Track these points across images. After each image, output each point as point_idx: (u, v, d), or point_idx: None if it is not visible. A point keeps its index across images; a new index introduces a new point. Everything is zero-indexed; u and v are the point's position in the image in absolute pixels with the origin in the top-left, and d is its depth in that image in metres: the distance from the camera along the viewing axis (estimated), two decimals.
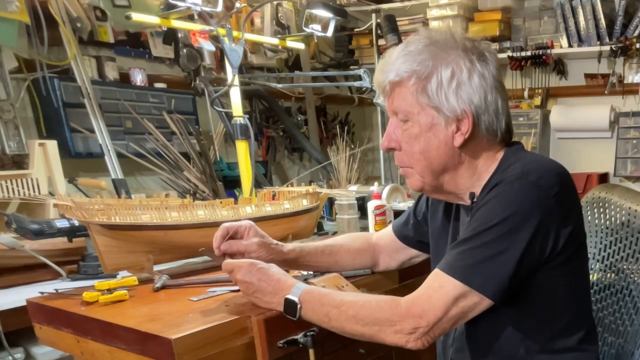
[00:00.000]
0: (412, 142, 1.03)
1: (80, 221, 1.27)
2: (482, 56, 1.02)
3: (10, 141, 2.00)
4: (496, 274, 0.96)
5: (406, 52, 1.01)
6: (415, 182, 1.08)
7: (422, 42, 1.01)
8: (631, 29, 3.04)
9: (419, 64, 0.99)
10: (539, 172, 0.97)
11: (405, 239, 1.32)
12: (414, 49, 1.00)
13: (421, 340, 0.97)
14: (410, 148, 1.03)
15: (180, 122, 2.19)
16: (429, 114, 1.00)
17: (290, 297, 1.03)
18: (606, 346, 1.34)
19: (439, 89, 0.99)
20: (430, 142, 1.02)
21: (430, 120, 1.00)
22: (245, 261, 1.09)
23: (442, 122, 1.00)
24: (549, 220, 0.96)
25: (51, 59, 2.19)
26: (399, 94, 1.02)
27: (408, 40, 1.03)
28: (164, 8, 1.88)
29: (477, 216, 0.99)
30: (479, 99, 1.00)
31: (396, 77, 1.00)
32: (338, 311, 1.00)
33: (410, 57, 1.00)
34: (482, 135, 1.03)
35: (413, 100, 1.00)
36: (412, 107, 1.01)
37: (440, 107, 1.00)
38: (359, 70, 2.23)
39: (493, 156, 1.06)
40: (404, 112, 1.02)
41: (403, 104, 1.02)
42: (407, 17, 3.44)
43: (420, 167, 1.04)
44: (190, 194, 2.06)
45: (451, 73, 0.99)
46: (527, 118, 3.44)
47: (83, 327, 1.12)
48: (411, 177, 1.08)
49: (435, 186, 1.07)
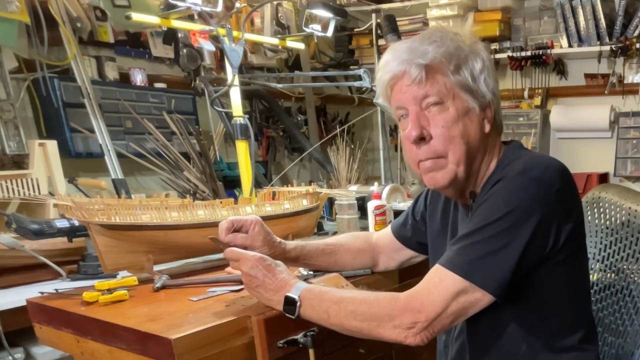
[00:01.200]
0: (450, 124, 0.99)
1: (80, 221, 1.27)
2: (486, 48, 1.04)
3: (10, 141, 2.00)
4: (498, 269, 0.95)
5: (433, 39, 0.99)
6: (447, 174, 1.02)
7: (447, 33, 1.01)
8: (631, 29, 3.04)
9: (455, 49, 0.99)
10: (541, 168, 0.97)
11: (403, 239, 1.32)
12: (443, 36, 1.00)
13: (420, 335, 0.96)
14: (449, 132, 0.99)
15: (180, 122, 2.19)
16: (465, 99, 1.00)
17: (291, 295, 1.02)
18: (606, 346, 1.34)
19: (475, 75, 1.00)
20: (468, 126, 1.00)
21: (466, 106, 1.00)
22: (254, 254, 1.07)
23: (477, 108, 1.01)
24: (550, 215, 0.96)
25: (51, 59, 2.19)
26: (434, 76, 0.99)
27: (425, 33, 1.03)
28: (164, 8, 1.88)
29: (478, 212, 0.99)
30: (496, 88, 1.04)
31: (434, 60, 0.98)
32: (337, 307, 0.99)
33: (442, 42, 0.99)
34: (497, 125, 1.06)
35: (450, 83, 0.99)
36: (448, 90, 0.99)
37: (476, 93, 1.01)
38: (359, 70, 2.23)
39: (494, 152, 1.07)
40: (440, 95, 0.99)
41: (438, 87, 0.99)
42: (407, 17, 3.44)
43: (459, 151, 1.00)
44: (190, 194, 2.06)
45: (481, 60, 1.01)
46: (527, 118, 3.44)
47: (83, 327, 1.12)
48: (442, 169, 1.02)
49: (464, 177, 1.03)
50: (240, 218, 1.18)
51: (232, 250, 1.10)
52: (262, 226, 1.19)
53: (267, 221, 1.55)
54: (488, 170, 1.05)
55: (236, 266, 1.09)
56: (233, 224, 1.17)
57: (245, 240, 1.16)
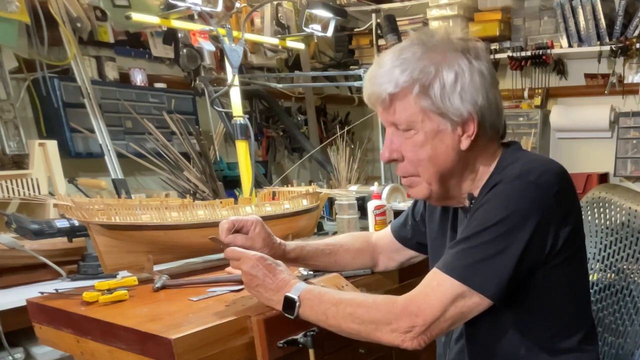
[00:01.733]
0: (417, 150, 1.00)
1: (80, 221, 1.27)
2: (477, 53, 0.99)
3: (10, 141, 2.00)
4: (495, 273, 0.95)
5: (401, 59, 0.96)
6: (422, 191, 1.05)
7: (418, 48, 0.97)
8: (631, 29, 3.04)
9: (420, 72, 0.95)
10: (539, 171, 0.97)
11: (403, 240, 1.32)
12: (410, 56, 0.96)
13: (417, 340, 0.96)
14: (416, 156, 1.00)
15: (180, 122, 2.19)
16: (434, 121, 0.98)
17: (290, 295, 1.02)
18: (606, 346, 1.34)
19: (443, 94, 0.96)
20: (437, 148, 0.99)
21: (436, 127, 0.98)
22: (255, 254, 1.07)
23: (449, 127, 0.98)
24: (548, 219, 0.96)
25: (51, 59, 2.19)
26: (400, 105, 0.98)
27: (400, 47, 0.99)
28: (164, 8, 1.88)
29: (476, 216, 0.99)
30: (482, 98, 0.98)
31: (396, 88, 0.96)
32: (336, 309, 0.99)
33: (407, 64, 0.96)
34: (486, 134, 1.02)
35: (416, 109, 0.97)
36: (415, 116, 0.97)
37: (445, 112, 0.97)
38: (359, 70, 2.24)
39: (492, 156, 1.06)
40: (407, 122, 0.98)
41: (405, 114, 0.98)
42: (407, 17, 3.44)
43: (428, 174, 1.02)
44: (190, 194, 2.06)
45: (454, 76, 0.96)
46: (527, 118, 3.44)
47: (83, 327, 1.12)
48: (417, 186, 1.05)
49: (442, 193, 1.05)
50: (241, 218, 1.18)
51: (233, 249, 1.10)
52: (262, 227, 1.19)
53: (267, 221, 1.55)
54: (486, 172, 1.05)
55: (237, 265, 1.08)
56: (234, 224, 1.16)
57: (246, 242, 1.16)
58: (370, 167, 4.00)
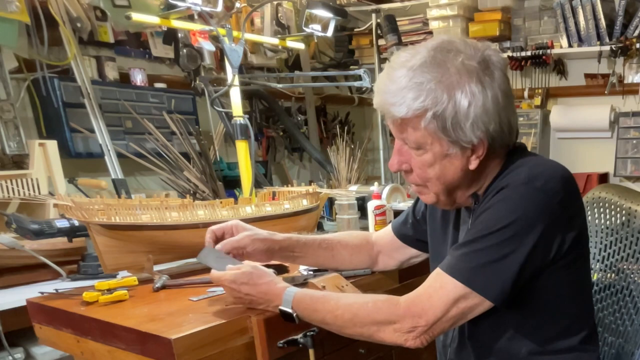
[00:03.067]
0: (425, 168, 1.00)
1: (80, 221, 1.27)
2: (492, 74, 0.96)
3: (10, 141, 2.00)
4: (499, 277, 0.96)
5: (414, 84, 0.93)
6: (430, 199, 1.06)
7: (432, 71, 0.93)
8: (631, 29, 3.04)
9: (432, 100, 0.92)
10: (545, 177, 0.97)
11: (404, 237, 1.32)
12: (424, 82, 0.93)
13: (420, 339, 0.98)
14: (425, 174, 1.00)
15: (180, 122, 2.20)
16: (444, 145, 0.97)
17: (284, 309, 1.03)
18: (606, 346, 1.34)
19: (455, 123, 0.94)
20: (445, 169, 0.99)
21: (445, 150, 0.97)
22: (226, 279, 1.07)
23: (458, 151, 0.97)
24: (554, 226, 0.97)
25: (51, 59, 2.19)
26: (411, 129, 0.96)
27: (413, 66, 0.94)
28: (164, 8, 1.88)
29: (481, 219, 0.99)
30: (494, 124, 0.96)
31: (408, 114, 0.94)
32: (333, 316, 1.00)
33: (421, 91, 0.93)
34: (495, 152, 1.02)
35: (426, 133, 0.96)
36: (425, 139, 0.96)
37: (456, 140, 0.96)
38: (359, 70, 2.23)
39: (494, 164, 1.05)
40: (417, 143, 0.98)
41: (415, 136, 0.97)
42: (407, 17, 3.44)
43: (436, 188, 1.02)
44: (190, 194, 2.06)
45: (468, 105, 0.93)
46: (527, 118, 3.44)
47: (83, 327, 1.12)
48: (426, 195, 1.06)
49: (449, 201, 1.06)
50: (219, 226, 1.19)
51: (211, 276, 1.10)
52: (243, 227, 1.20)
53: (267, 221, 1.56)
54: (491, 174, 1.05)
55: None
56: (215, 234, 1.18)
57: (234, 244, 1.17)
58: (370, 167, 4.00)
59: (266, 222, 1.55)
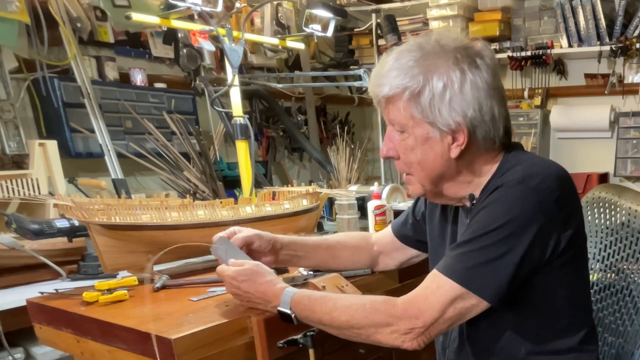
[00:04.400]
0: (408, 153, 1.03)
1: (80, 221, 1.27)
2: (474, 63, 0.98)
3: (10, 141, 2.00)
4: (495, 277, 0.96)
5: (398, 65, 0.99)
6: (416, 189, 1.09)
7: (413, 55, 0.99)
8: (631, 29, 3.04)
9: (411, 79, 0.97)
10: (540, 176, 0.97)
11: (404, 238, 1.32)
12: (405, 63, 0.98)
13: (417, 340, 0.97)
14: (408, 158, 1.04)
15: (180, 122, 2.20)
16: (424, 128, 1.00)
17: (282, 310, 1.03)
18: (606, 346, 1.34)
19: (432, 104, 0.97)
20: (426, 154, 1.02)
21: (425, 134, 1.00)
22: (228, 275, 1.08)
23: (437, 135, 1.00)
24: (549, 225, 0.96)
25: (51, 59, 2.19)
26: (393, 107, 1.01)
27: (400, 50, 1.01)
28: (164, 8, 1.88)
29: (477, 219, 0.99)
30: (473, 110, 0.98)
31: (389, 92, 0.99)
32: (330, 317, 1.01)
33: (401, 70, 0.98)
34: (479, 144, 1.02)
35: (407, 114, 1.00)
36: (406, 120, 1.00)
37: (434, 121, 0.99)
38: (359, 70, 2.23)
39: (492, 160, 1.06)
40: (400, 124, 1.02)
41: (397, 117, 1.01)
42: (407, 17, 3.44)
43: (420, 176, 1.05)
44: (190, 194, 2.06)
45: (443, 86, 0.97)
46: (527, 118, 3.44)
47: (83, 327, 1.12)
48: (412, 184, 1.09)
49: (435, 192, 1.08)
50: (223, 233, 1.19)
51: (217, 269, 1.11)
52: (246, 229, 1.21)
53: (267, 221, 1.56)
54: (486, 175, 1.05)
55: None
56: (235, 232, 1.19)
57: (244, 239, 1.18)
58: (370, 167, 4.00)
59: (266, 222, 1.55)
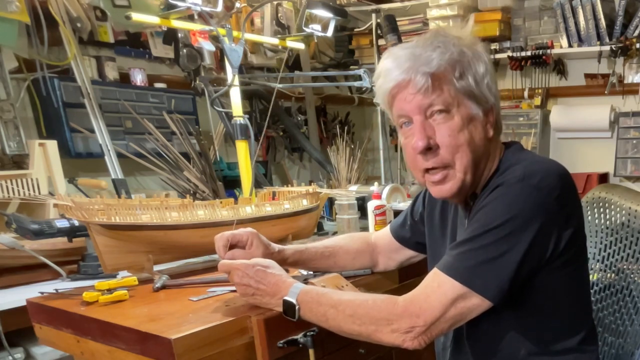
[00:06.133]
0: (455, 134, 0.98)
1: (80, 221, 1.27)
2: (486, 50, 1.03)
3: (10, 141, 2.00)
4: (496, 276, 0.95)
5: (439, 42, 0.97)
6: (455, 184, 1.01)
7: (449, 38, 0.98)
8: (631, 29, 3.04)
9: (459, 54, 0.97)
10: (541, 174, 0.97)
11: (402, 240, 1.32)
12: (445, 41, 0.97)
13: (418, 340, 0.96)
14: (455, 141, 0.98)
15: (180, 122, 2.19)
16: (468, 106, 0.98)
17: (288, 299, 1.03)
18: (606, 346, 1.34)
19: (478, 79, 0.99)
20: (473, 133, 0.99)
21: (470, 112, 0.99)
22: (241, 263, 1.08)
23: (480, 114, 1.00)
24: (550, 223, 0.96)
25: (51, 59, 2.19)
26: (439, 85, 0.96)
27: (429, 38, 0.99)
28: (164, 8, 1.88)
29: (477, 217, 0.99)
30: (497, 90, 1.03)
31: (439, 68, 0.95)
32: (335, 310, 1.00)
33: (446, 48, 0.96)
34: (497, 128, 1.05)
35: (455, 92, 0.97)
36: (453, 99, 0.97)
37: (479, 98, 0.99)
38: (359, 70, 2.23)
39: (496, 154, 1.06)
40: (446, 104, 0.97)
41: (444, 96, 0.97)
42: (407, 17, 3.44)
43: (466, 159, 0.99)
44: (190, 194, 2.06)
45: (484, 64, 0.99)
46: (527, 118, 3.44)
47: (83, 327, 1.12)
48: (451, 180, 1.01)
49: (470, 184, 1.03)
50: (236, 233, 1.18)
51: (222, 263, 1.11)
52: (259, 239, 1.19)
53: (267, 221, 1.56)
54: (489, 172, 1.05)
55: (229, 278, 1.10)
56: (229, 240, 1.17)
57: (245, 256, 1.16)
58: (370, 167, 4.00)
59: (266, 222, 1.55)
